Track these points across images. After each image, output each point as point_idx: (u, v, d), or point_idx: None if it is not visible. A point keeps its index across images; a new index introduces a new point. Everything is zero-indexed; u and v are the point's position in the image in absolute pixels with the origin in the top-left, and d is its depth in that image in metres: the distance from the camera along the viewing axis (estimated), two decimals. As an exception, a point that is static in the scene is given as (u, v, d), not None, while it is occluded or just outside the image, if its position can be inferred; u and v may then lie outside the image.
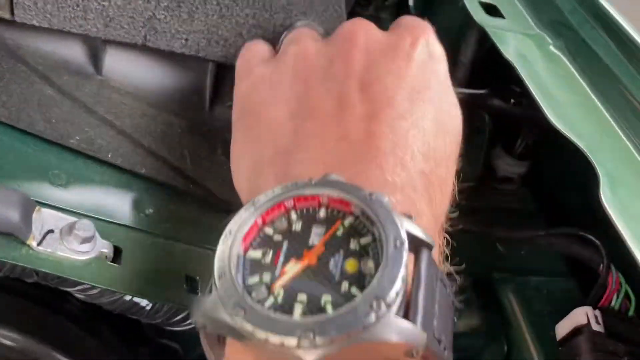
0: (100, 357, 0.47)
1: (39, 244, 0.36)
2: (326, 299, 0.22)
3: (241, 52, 0.42)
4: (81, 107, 0.44)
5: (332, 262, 0.23)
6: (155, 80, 0.49)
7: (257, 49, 0.41)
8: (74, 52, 0.47)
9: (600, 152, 0.38)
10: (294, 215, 0.25)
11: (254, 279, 0.23)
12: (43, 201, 0.38)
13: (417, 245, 0.24)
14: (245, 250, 0.24)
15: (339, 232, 0.24)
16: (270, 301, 0.23)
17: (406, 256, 0.22)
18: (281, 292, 0.23)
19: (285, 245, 0.24)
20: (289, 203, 0.25)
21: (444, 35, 0.63)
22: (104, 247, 0.38)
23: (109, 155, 0.43)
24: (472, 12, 0.49)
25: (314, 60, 0.36)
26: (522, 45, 0.47)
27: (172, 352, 0.55)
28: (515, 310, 0.47)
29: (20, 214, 0.35)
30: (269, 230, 0.25)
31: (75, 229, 0.36)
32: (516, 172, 0.54)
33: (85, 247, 0.37)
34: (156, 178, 0.44)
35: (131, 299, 0.39)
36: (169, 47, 0.47)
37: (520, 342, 0.46)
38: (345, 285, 0.22)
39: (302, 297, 0.23)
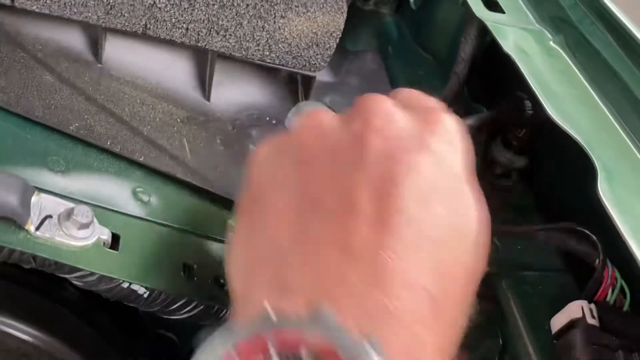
0: (97, 346, 0.47)
1: (37, 229, 0.36)
2: None
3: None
4: (80, 95, 0.44)
5: None
6: (155, 69, 0.49)
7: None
8: (74, 40, 0.47)
9: (598, 147, 0.38)
10: (272, 354, 0.22)
11: None
12: (42, 187, 0.38)
13: None
14: None
15: None
16: None
17: None
18: None
19: None
20: (270, 339, 0.22)
21: (443, 30, 0.63)
22: (102, 234, 0.38)
23: (108, 143, 0.43)
24: (472, 7, 0.49)
25: (327, 139, 0.32)
26: (522, 40, 0.47)
27: (169, 342, 0.56)
28: (511, 304, 0.47)
29: (18, 199, 0.35)
30: None
31: (73, 214, 0.36)
32: (515, 167, 0.54)
33: (84, 233, 0.37)
34: (155, 166, 0.44)
35: (129, 286, 0.39)
36: (169, 36, 0.47)
37: (515, 336, 0.46)
38: None
39: None
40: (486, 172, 0.55)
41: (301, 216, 0.30)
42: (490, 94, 0.56)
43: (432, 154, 0.31)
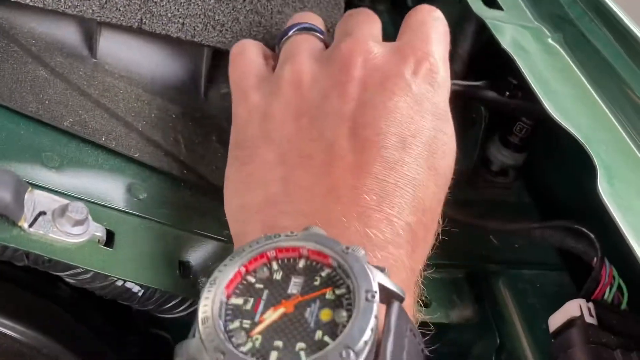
0: (91, 344, 0.47)
1: (31, 225, 0.35)
2: (300, 346, 0.24)
3: (234, 56, 0.39)
4: (75, 90, 0.44)
5: (308, 311, 0.25)
6: (150, 64, 0.48)
7: (251, 59, 0.38)
8: (69, 34, 0.46)
9: (598, 145, 0.38)
10: (275, 265, 0.27)
11: (234, 325, 0.25)
12: (35, 183, 0.38)
13: (389, 296, 0.25)
14: (228, 297, 0.26)
15: (317, 283, 0.25)
16: (248, 346, 0.24)
17: (376, 308, 0.23)
18: (259, 338, 0.24)
19: (265, 293, 0.26)
20: (271, 253, 0.27)
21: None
22: (97, 231, 0.37)
23: (103, 139, 0.42)
24: (470, 3, 0.49)
25: (308, 92, 0.34)
26: (521, 38, 0.47)
27: (163, 342, 0.55)
28: (508, 302, 0.47)
29: (11, 195, 0.34)
30: (251, 279, 0.27)
31: (67, 211, 0.36)
32: (512, 164, 0.54)
33: (78, 229, 0.36)
34: (150, 163, 0.43)
35: (123, 284, 0.39)
36: (164, 31, 0.46)
37: (512, 334, 0.46)
38: (319, 333, 0.24)
39: (278, 343, 0.24)
40: (483, 169, 0.55)
41: (290, 168, 0.32)
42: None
43: (412, 96, 0.32)
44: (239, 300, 0.26)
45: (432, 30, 0.36)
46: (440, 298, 0.45)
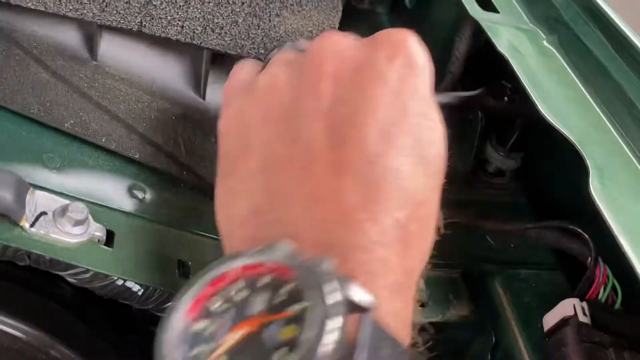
0: (91, 343, 0.47)
1: (32, 225, 0.36)
2: None
3: (231, 74, 0.38)
4: (76, 92, 0.44)
5: (270, 329, 0.23)
6: (151, 66, 0.49)
7: (242, 75, 0.37)
8: (70, 37, 0.47)
9: (591, 146, 0.38)
10: (239, 284, 0.25)
11: (197, 351, 0.24)
12: (37, 184, 0.39)
13: (358, 308, 0.24)
14: (191, 322, 0.25)
15: (280, 299, 0.24)
16: None
17: (339, 321, 0.22)
18: None
19: (229, 314, 0.24)
20: (234, 273, 0.25)
21: (438, 29, 0.63)
22: (97, 231, 0.38)
23: (103, 140, 0.43)
24: (466, 6, 0.50)
25: (283, 95, 0.32)
26: (516, 40, 0.47)
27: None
28: (504, 302, 0.48)
29: (13, 195, 0.35)
30: (214, 301, 0.25)
31: (68, 211, 0.36)
32: (508, 165, 0.55)
33: (78, 229, 0.37)
34: (150, 164, 0.44)
35: (123, 283, 0.39)
36: (164, 34, 0.47)
37: (508, 334, 0.46)
38: (281, 351, 0.23)
39: None
40: (479, 170, 0.56)
41: (270, 175, 0.30)
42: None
43: (388, 85, 0.31)
44: (201, 325, 0.24)
45: (405, 31, 0.34)
46: (436, 297, 0.46)
